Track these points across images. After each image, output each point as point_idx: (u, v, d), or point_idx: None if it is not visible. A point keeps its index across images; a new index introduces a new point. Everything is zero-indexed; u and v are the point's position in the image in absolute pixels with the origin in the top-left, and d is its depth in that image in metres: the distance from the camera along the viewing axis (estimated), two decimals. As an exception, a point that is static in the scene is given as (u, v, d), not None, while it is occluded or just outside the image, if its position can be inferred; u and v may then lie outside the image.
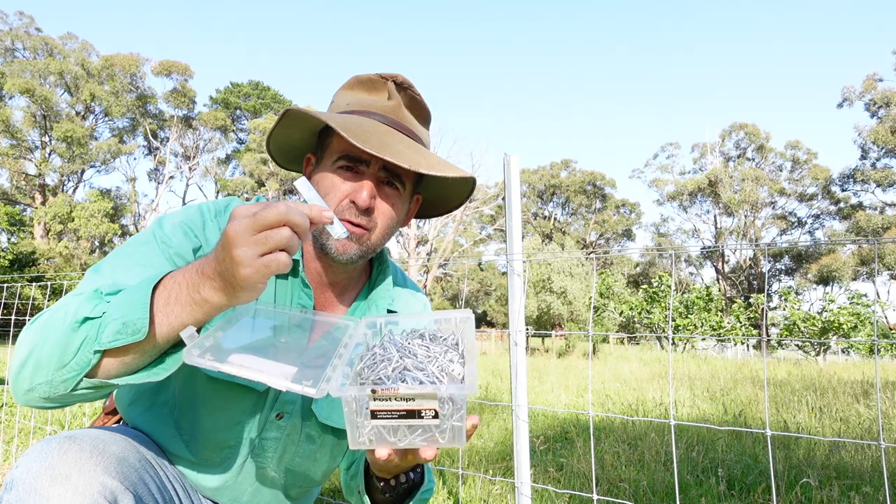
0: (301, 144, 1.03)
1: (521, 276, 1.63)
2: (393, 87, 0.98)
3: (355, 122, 0.90)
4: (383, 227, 0.96)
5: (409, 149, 0.91)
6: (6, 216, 24.67)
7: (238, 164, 38.40)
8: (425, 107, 1.02)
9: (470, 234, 39.37)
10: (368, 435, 0.70)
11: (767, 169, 40.28)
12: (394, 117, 0.96)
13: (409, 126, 0.99)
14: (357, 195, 0.90)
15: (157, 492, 0.84)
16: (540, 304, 23.86)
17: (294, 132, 1.00)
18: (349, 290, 1.06)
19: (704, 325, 23.35)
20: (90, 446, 0.74)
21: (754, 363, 13.09)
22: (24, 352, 0.74)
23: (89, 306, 0.72)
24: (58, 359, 0.71)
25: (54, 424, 3.49)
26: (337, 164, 0.93)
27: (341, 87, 1.02)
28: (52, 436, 0.76)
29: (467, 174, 0.96)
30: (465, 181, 1.01)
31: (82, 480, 0.70)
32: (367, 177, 0.92)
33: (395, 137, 0.92)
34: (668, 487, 2.63)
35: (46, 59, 30.04)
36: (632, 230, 47.30)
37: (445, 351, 0.75)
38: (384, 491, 0.93)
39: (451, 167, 0.94)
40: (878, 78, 34.87)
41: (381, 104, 0.97)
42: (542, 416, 4.79)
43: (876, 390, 1.53)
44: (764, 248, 40.19)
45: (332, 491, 2.44)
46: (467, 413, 0.71)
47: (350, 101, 0.98)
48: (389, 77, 0.98)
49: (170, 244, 0.89)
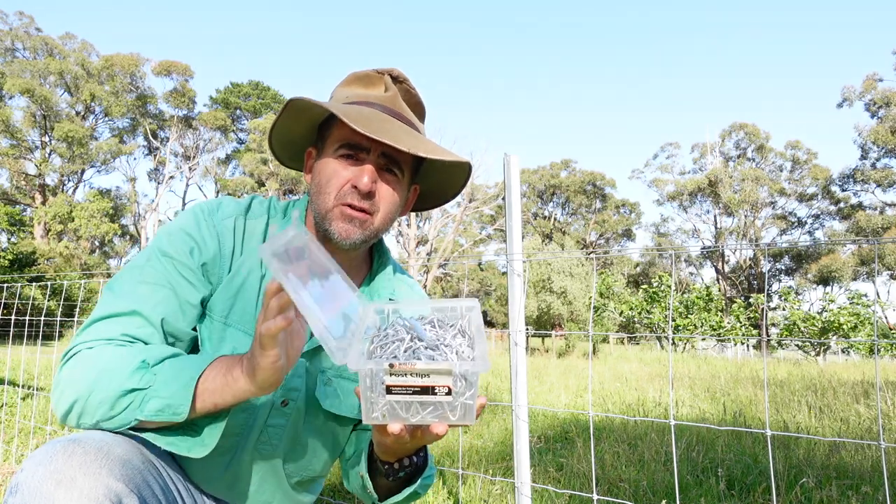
0: (302, 139, 1.05)
1: (521, 276, 1.63)
2: (389, 80, 1.00)
3: (356, 110, 0.92)
4: (385, 212, 0.98)
5: (408, 134, 0.93)
6: (6, 216, 24.67)
7: (238, 164, 38.40)
8: (420, 101, 1.05)
9: (470, 234, 39.38)
10: (382, 410, 0.72)
11: (767, 169, 40.29)
12: (391, 107, 0.99)
13: (407, 116, 1.01)
14: (358, 179, 0.93)
15: (160, 493, 0.84)
16: (540, 304, 23.86)
17: (296, 124, 1.02)
18: (351, 277, 1.07)
19: (704, 325, 23.34)
20: (95, 449, 0.74)
21: (754, 363, 13.09)
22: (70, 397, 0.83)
23: (136, 378, 0.80)
24: (103, 413, 0.81)
25: (54, 424, 3.49)
26: (338, 153, 0.95)
27: (339, 84, 1.04)
28: (56, 438, 0.76)
29: (464, 159, 0.99)
30: (462, 168, 1.03)
31: (88, 484, 0.70)
32: (367, 163, 0.94)
33: (394, 124, 0.94)
34: (668, 487, 2.63)
35: (46, 59, 30.05)
36: (632, 230, 47.30)
37: (454, 336, 0.77)
38: (387, 475, 0.94)
39: (448, 152, 0.96)
40: (878, 78, 34.87)
41: (378, 95, 0.99)
42: (542, 416, 4.79)
43: (876, 390, 1.54)
44: (764, 248, 40.20)
45: (332, 491, 2.44)
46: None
47: (349, 95, 1.01)
48: (385, 71, 1.01)
49: (171, 255, 0.93)
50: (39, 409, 4.11)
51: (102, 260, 32.44)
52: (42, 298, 18.13)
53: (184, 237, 0.95)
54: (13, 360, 8.19)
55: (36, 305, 16.96)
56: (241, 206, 1.02)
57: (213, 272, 0.96)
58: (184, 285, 0.92)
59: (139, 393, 0.79)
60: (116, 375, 0.80)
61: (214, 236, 0.96)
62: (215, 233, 0.97)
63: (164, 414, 0.78)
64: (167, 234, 0.96)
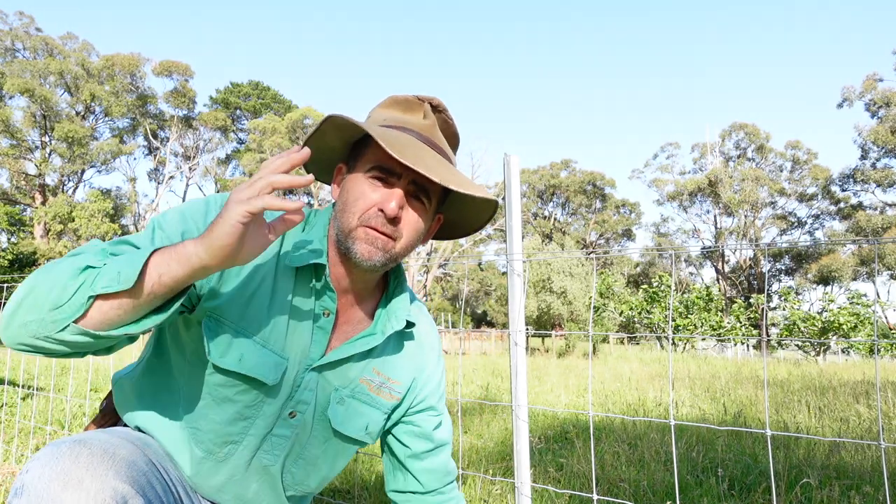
0: (333, 153, 1.05)
1: (521, 276, 1.63)
2: (429, 108, 1.00)
3: (393, 135, 0.92)
4: (408, 238, 0.97)
5: (441, 165, 0.93)
6: (6, 216, 24.68)
7: (238, 164, 38.39)
8: (456, 132, 1.06)
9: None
10: None
11: (767, 169, 40.28)
12: (428, 135, 0.99)
13: (442, 146, 1.01)
14: (386, 204, 0.92)
15: (163, 494, 0.85)
16: (540, 304, 23.87)
17: (330, 140, 1.01)
18: (367, 299, 1.07)
19: (704, 325, 23.35)
20: (101, 450, 0.74)
21: (754, 363, 13.09)
22: (23, 290, 0.77)
23: (95, 258, 0.77)
24: (54, 299, 0.73)
25: (54, 425, 3.50)
26: (369, 173, 0.95)
27: (378, 105, 1.04)
28: (60, 439, 0.76)
29: (493, 197, 0.99)
30: (488, 205, 1.03)
31: (94, 485, 0.70)
32: (396, 188, 0.94)
33: (428, 153, 0.94)
34: (668, 487, 2.63)
35: (46, 59, 30.04)
36: (632, 230, 47.29)
37: None
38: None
39: (479, 188, 0.96)
40: (878, 78, 34.86)
41: (417, 122, 1.00)
42: (542, 416, 4.79)
43: (876, 390, 1.54)
44: (764, 248, 40.20)
45: (332, 491, 2.44)
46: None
47: (387, 118, 1.01)
48: (426, 99, 1.01)
49: (163, 228, 0.92)
50: (39, 409, 4.11)
51: (102, 260, 32.37)
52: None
53: (183, 220, 0.93)
54: (13, 360, 8.19)
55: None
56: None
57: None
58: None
59: (94, 270, 0.75)
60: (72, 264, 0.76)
61: None
62: None
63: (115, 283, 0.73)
64: (172, 212, 0.95)
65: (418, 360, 1.13)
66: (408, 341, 1.11)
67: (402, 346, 1.10)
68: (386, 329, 1.03)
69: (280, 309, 0.96)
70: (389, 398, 1.08)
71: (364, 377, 1.04)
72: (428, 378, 1.14)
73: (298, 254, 0.97)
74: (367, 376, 1.05)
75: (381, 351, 1.06)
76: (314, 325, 0.98)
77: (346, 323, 1.03)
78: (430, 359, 1.15)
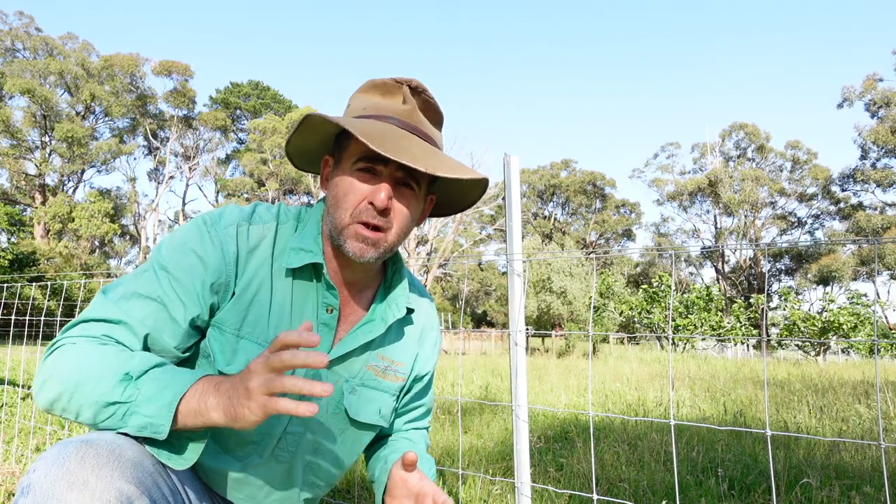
0: (319, 147, 1.06)
1: (521, 276, 1.63)
2: (408, 91, 1.00)
3: (371, 126, 0.92)
4: (399, 227, 0.98)
5: (425, 152, 0.93)
6: (6, 216, 24.66)
7: (238, 164, 38.40)
8: (438, 110, 1.05)
9: (470, 234, 39.36)
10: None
11: (767, 169, 40.28)
12: (409, 121, 0.99)
13: (424, 129, 1.01)
14: (375, 196, 0.93)
15: (170, 496, 0.85)
16: (540, 304, 23.88)
17: (312, 137, 1.02)
18: (366, 289, 1.09)
19: (704, 325, 23.35)
20: (107, 451, 0.74)
21: (754, 363, 13.09)
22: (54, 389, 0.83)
23: (119, 391, 0.80)
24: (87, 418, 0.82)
25: (54, 424, 3.49)
26: (355, 167, 0.96)
27: (357, 91, 1.04)
28: (67, 439, 0.77)
29: (481, 176, 0.99)
30: (478, 183, 1.04)
31: (100, 486, 0.71)
32: (384, 178, 0.95)
33: (411, 141, 0.94)
34: (668, 487, 2.63)
35: (46, 59, 30.06)
36: (632, 230, 47.29)
37: None
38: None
39: (467, 169, 0.96)
40: (878, 78, 34.86)
41: (396, 108, 0.99)
42: (542, 416, 4.79)
43: (876, 390, 1.54)
44: (764, 248, 40.23)
45: (332, 491, 2.44)
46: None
47: (366, 106, 1.01)
48: (404, 81, 1.00)
49: (168, 269, 0.93)
50: (39, 409, 4.10)
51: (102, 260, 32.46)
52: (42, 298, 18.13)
53: (186, 253, 0.94)
54: (13, 360, 8.19)
55: (36, 305, 16.97)
56: (244, 212, 1.02)
57: (222, 282, 0.96)
58: (175, 302, 0.91)
59: (122, 406, 0.80)
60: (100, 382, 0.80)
61: (218, 246, 0.96)
62: (219, 242, 0.96)
63: (146, 431, 0.79)
64: (170, 248, 0.95)
65: (420, 339, 1.17)
66: (408, 326, 1.15)
67: (404, 330, 1.13)
68: (387, 317, 1.05)
69: (281, 311, 0.98)
70: (395, 380, 1.11)
71: (370, 363, 1.07)
72: (429, 355, 1.19)
73: (295, 255, 0.98)
74: (373, 362, 1.08)
75: (383, 338, 1.09)
76: (318, 322, 1.00)
77: (350, 314, 1.06)
78: (429, 337, 1.20)
